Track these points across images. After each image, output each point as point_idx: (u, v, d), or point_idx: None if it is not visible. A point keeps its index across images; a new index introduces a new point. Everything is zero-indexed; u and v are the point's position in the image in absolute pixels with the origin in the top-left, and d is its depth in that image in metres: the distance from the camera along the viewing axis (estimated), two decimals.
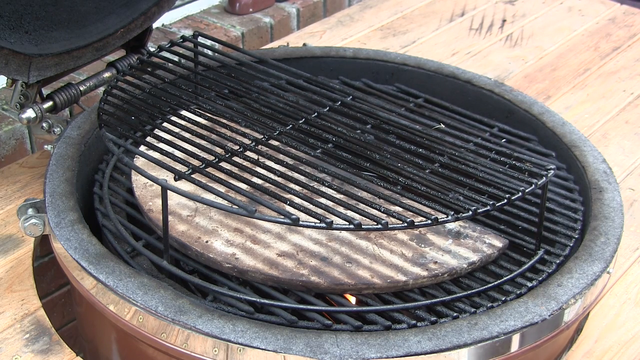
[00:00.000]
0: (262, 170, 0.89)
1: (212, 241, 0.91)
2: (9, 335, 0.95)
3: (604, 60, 1.63)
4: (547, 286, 0.87)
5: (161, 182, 0.83)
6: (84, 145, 1.07)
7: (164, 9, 1.24)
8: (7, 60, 1.03)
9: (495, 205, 0.85)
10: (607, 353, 0.99)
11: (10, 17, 1.03)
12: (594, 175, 1.04)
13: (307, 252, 0.91)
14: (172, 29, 1.73)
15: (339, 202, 0.84)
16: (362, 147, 0.95)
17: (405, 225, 0.81)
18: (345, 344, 0.79)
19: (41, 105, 1.11)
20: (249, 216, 0.80)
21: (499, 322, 0.82)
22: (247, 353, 0.79)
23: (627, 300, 1.07)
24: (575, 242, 0.97)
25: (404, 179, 0.89)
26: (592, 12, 1.82)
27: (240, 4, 1.79)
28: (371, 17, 1.75)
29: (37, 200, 0.98)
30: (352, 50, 1.31)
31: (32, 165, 1.23)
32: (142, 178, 0.99)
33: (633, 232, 1.18)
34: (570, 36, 1.72)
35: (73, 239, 0.90)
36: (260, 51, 1.33)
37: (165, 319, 0.81)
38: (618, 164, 1.31)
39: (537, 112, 1.17)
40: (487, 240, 0.94)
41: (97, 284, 0.86)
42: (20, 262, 1.06)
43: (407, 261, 0.90)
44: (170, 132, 0.95)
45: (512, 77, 1.55)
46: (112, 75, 1.20)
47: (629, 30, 1.75)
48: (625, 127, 1.43)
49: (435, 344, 0.80)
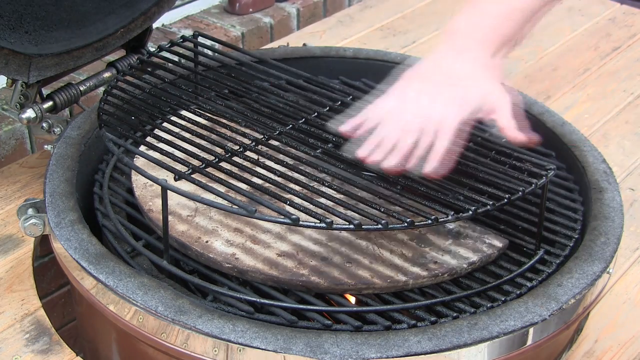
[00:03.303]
0: (262, 170, 0.89)
1: (212, 241, 0.91)
2: (9, 335, 0.95)
3: (604, 60, 1.63)
4: (547, 286, 0.87)
5: (161, 182, 0.83)
6: (84, 145, 1.07)
7: (164, 9, 1.24)
8: (7, 60, 1.03)
9: (495, 205, 0.85)
10: (607, 353, 0.99)
11: (10, 17, 1.03)
12: (594, 175, 1.04)
13: (307, 252, 0.91)
14: (172, 29, 1.73)
15: (339, 202, 0.84)
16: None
17: (405, 225, 0.81)
18: (345, 344, 0.79)
19: (41, 105, 1.11)
20: (249, 216, 0.80)
21: (499, 322, 0.82)
22: (247, 353, 0.79)
23: (627, 300, 1.07)
24: (575, 242, 0.97)
25: (404, 179, 0.89)
26: (592, 12, 1.82)
27: (240, 4, 1.79)
28: (371, 17, 1.75)
29: (37, 200, 0.98)
30: (352, 50, 1.31)
31: (32, 165, 1.23)
32: (142, 178, 0.99)
33: (633, 232, 1.18)
34: (570, 36, 1.72)
35: (73, 239, 0.90)
36: (260, 51, 1.33)
37: (165, 319, 0.81)
38: (618, 164, 1.31)
39: (537, 112, 1.17)
40: (487, 240, 0.94)
41: (97, 284, 0.86)
42: (20, 262, 1.06)
43: (407, 261, 0.90)
44: (170, 132, 0.95)
45: (512, 77, 1.55)
46: (112, 75, 1.20)
47: (629, 30, 1.75)
48: (625, 127, 1.43)
49: (435, 344, 0.80)
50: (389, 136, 0.88)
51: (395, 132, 0.88)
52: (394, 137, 0.88)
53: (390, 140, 0.88)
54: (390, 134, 0.88)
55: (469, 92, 0.89)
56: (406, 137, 0.87)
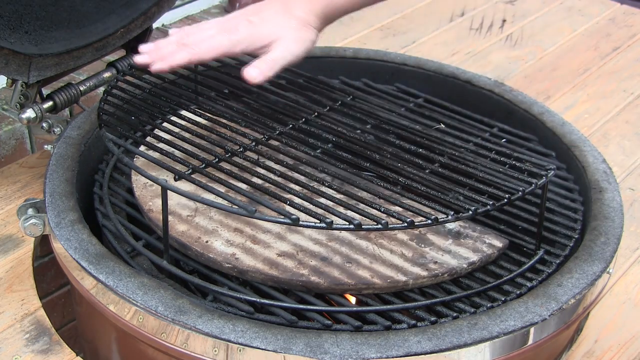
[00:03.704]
0: (262, 170, 0.89)
1: (212, 241, 0.91)
2: (9, 335, 0.95)
3: (604, 60, 1.64)
4: (547, 286, 0.87)
5: (161, 182, 0.83)
6: (84, 145, 1.07)
7: (164, 9, 1.24)
8: (7, 60, 1.03)
9: (495, 205, 0.85)
10: (607, 353, 0.99)
11: (10, 17, 1.03)
12: (594, 175, 1.04)
13: (307, 252, 0.91)
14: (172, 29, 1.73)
15: (339, 202, 0.84)
16: (362, 147, 0.95)
17: (405, 225, 0.81)
18: (345, 344, 0.79)
19: (41, 105, 1.11)
20: (249, 216, 0.80)
21: (499, 322, 0.82)
22: (247, 353, 0.79)
23: (627, 300, 1.07)
24: (575, 242, 0.97)
25: (404, 179, 0.89)
26: (592, 12, 1.82)
27: (240, 3, 1.79)
28: (371, 17, 1.75)
29: (37, 200, 0.98)
30: (352, 50, 1.31)
31: (32, 165, 1.23)
32: (142, 178, 0.99)
33: (633, 232, 1.18)
34: (570, 36, 1.72)
35: (73, 239, 0.90)
36: None
37: (165, 319, 0.81)
38: (618, 164, 1.31)
39: (537, 112, 1.17)
40: (487, 240, 0.94)
41: (97, 284, 0.86)
42: (20, 262, 1.06)
43: (407, 261, 0.90)
44: (170, 132, 0.95)
45: (512, 77, 1.55)
46: (112, 75, 1.20)
47: (629, 30, 1.75)
48: (625, 127, 1.43)
49: (435, 344, 0.80)
50: (165, 43, 0.97)
51: (172, 41, 0.97)
52: (167, 44, 0.97)
53: (164, 48, 0.97)
54: (167, 41, 0.98)
55: (253, 29, 0.95)
56: (168, 42, 0.97)
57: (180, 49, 0.95)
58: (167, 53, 0.96)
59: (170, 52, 0.96)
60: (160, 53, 0.97)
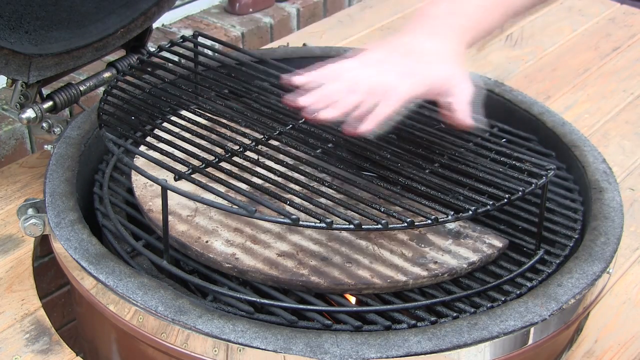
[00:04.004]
0: (262, 170, 0.89)
1: (212, 241, 0.91)
2: (9, 335, 0.95)
3: (604, 60, 1.63)
4: (547, 286, 0.87)
5: (161, 182, 0.83)
6: (84, 145, 1.07)
7: (164, 9, 1.24)
8: (7, 60, 1.03)
9: (495, 205, 0.85)
10: (607, 353, 0.99)
11: (10, 17, 1.03)
12: (594, 175, 1.04)
13: (307, 252, 0.91)
14: (172, 29, 1.73)
15: (339, 202, 0.84)
16: (362, 147, 0.95)
17: (405, 225, 0.81)
18: (345, 344, 0.79)
19: (41, 105, 1.11)
20: (249, 216, 0.80)
21: (499, 322, 0.82)
22: (247, 353, 0.79)
23: (627, 300, 1.07)
24: (575, 242, 0.97)
25: (404, 179, 0.89)
26: (592, 12, 1.82)
27: (240, 3, 1.79)
28: (371, 17, 1.75)
29: (37, 200, 0.98)
30: (352, 50, 1.31)
31: (32, 165, 1.23)
32: (142, 178, 0.99)
33: (633, 232, 1.18)
34: (570, 36, 1.72)
35: (73, 239, 0.90)
36: (260, 51, 1.33)
37: (165, 319, 0.81)
38: (618, 164, 1.31)
39: (537, 112, 1.17)
40: (487, 240, 0.94)
41: (97, 284, 0.86)
42: (20, 262, 1.06)
43: (407, 261, 0.90)
44: (170, 132, 0.95)
45: (512, 77, 1.55)
46: (112, 75, 1.20)
47: (629, 30, 1.75)
48: (625, 127, 1.43)
49: (435, 344, 0.80)
50: (334, 91, 0.88)
51: (342, 89, 0.88)
52: (339, 94, 0.88)
53: (334, 95, 0.88)
54: (337, 90, 0.88)
55: (431, 70, 0.89)
56: (351, 95, 0.88)
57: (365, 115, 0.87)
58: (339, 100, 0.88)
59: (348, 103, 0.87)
60: (330, 100, 0.88)
